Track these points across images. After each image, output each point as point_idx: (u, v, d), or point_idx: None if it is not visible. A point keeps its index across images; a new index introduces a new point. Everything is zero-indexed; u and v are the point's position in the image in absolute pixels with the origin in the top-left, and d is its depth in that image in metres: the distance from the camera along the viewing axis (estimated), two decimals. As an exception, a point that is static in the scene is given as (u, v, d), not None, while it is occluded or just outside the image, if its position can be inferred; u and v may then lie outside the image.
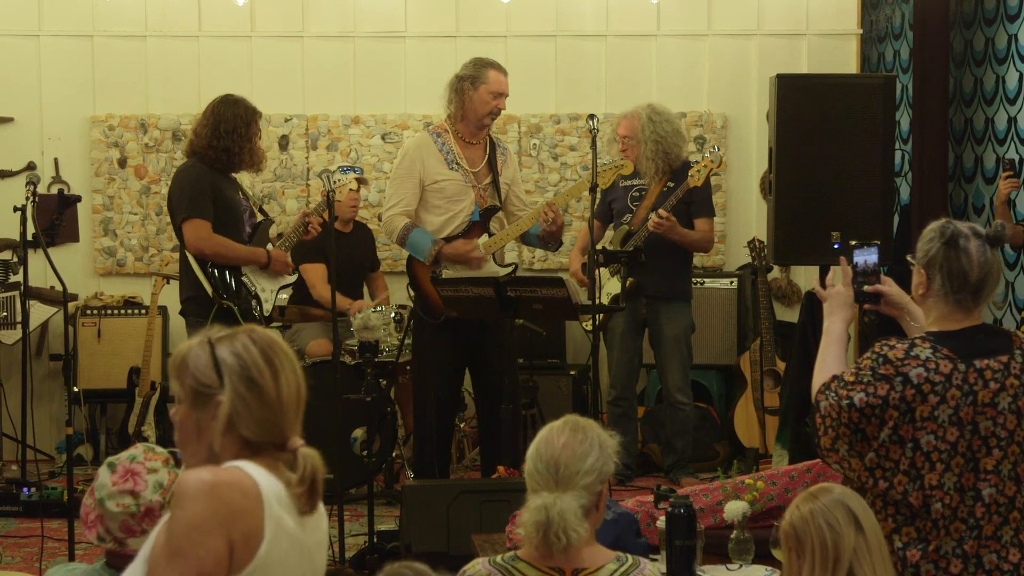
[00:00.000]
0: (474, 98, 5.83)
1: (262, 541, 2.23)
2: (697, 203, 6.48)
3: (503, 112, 6.03)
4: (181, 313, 5.69)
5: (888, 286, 3.22)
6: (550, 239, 5.85)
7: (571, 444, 2.69)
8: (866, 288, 3.21)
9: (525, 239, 6.02)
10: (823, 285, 3.29)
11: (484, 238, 5.84)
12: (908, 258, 3.10)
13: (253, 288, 5.64)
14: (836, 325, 3.20)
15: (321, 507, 2.43)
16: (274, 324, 6.09)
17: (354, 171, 6.70)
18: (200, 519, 2.18)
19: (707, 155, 6.18)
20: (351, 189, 6.63)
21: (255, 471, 2.27)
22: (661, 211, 6.24)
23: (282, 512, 2.27)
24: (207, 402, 2.31)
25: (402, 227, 5.84)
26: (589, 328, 6.60)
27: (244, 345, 2.33)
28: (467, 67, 5.92)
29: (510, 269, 5.81)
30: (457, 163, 5.83)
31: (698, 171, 6.13)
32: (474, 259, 5.76)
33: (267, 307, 5.70)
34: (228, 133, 5.53)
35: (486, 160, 5.92)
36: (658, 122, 6.55)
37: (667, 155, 6.44)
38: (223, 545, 2.19)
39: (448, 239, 5.82)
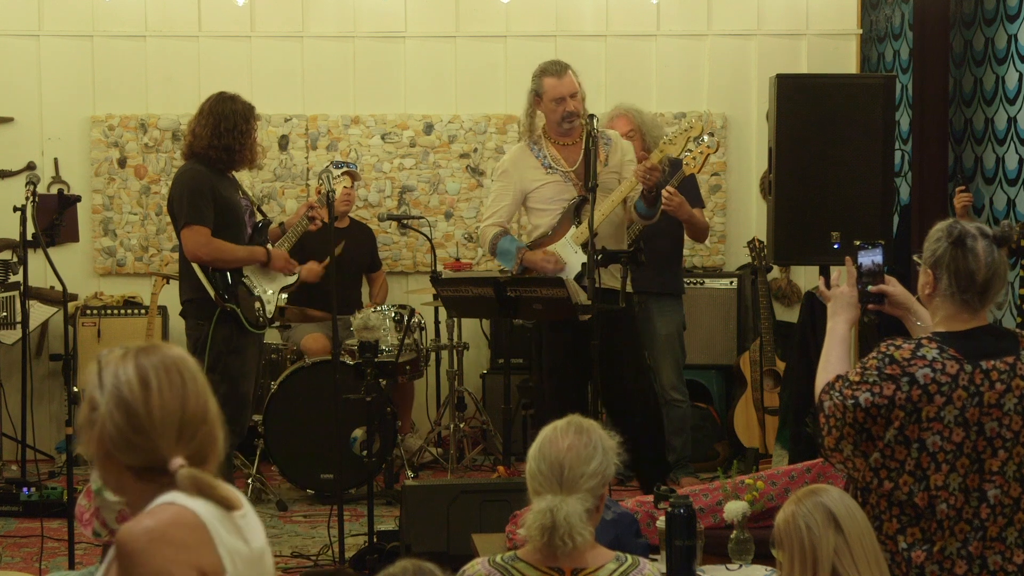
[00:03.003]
0: (543, 111, 5.78)
1: (224, 572, 2.16)
2: (688, 198, 6.43)
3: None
4: (181, 315, 5.69)
5: (893, 286, 3.22)
6: (650, 199, 5.66)
7: (576, 447, 2.68)
8: (871, 288, 3.21)
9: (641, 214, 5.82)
10: (826, 285, 3.30)
11: (572, 230, 5.73)
12: (915, 258, 3.10)
13: (255, 290, 5.63)
14: (840, 326, 3.20)
15: (251, 512, 2.31)
16: (274, 324, 6.10)
17: (347, 166, 6.71)
18: (163, 570, 2.09)
19: (704, 140, 6.06)
20: (344, 186, 6.64)
21: (188, 500, 2.17)
22: (669, 187, 6.13)
23: (227, 534, 2.19)
24: (94, 421, 2.21)
25: (492, 236, 5.83)
26: None
27: (124, 363, 2.21)
28: (532, 79, 5.83)
29: (600, 256, 5.62)
30: (552, 166, 5.75)
31: (694, 158, 6.02)
32: (547, 270, 5.64)
33: (269, 308, 5.70)
34: (228, 131, 5.52)
35: (583, 157, 5.73)
36: (643, 113, 6.56)
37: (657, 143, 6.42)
38: None
39: (538, 239, 5.76)
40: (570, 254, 5.68)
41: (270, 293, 5.72)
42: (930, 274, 3.02)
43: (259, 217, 5.84)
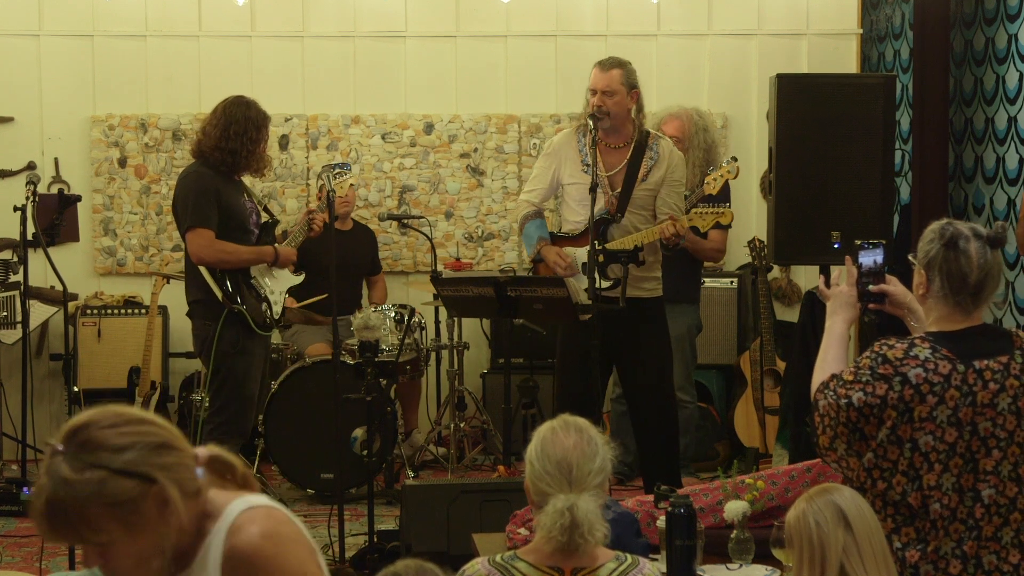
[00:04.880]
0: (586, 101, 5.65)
1: (316, 551, 2.17)
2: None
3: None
4: (188, 315, 5.67)
5: (894, 286, 3.22)
6: (670, 245, 5.65)
7: (580, 445, 2.70)
8: (871, 288, 3.21)
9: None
10: (826, 284, 3.29)
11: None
12: (909, 258, 3.10)
13: (262, 291, 5.62)
14: (838, 325, 3.20)
15: None
16: (281, 326, 6.09)
17: (341, 167, 6.73)
18: (300, 566, 2.09)
19: (725, 163, 6.03)
20: (351, 184, 6.63)
21: (256, 498, 2.16)
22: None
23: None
24: (140, 508, 2.04)
25: (523, 215, 5.77)
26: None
27: (115, 434, 2.05)
28: None
29: (610, 283, 5.47)
30: (588, 165, 5.56)
31: (714, 179, 5.97)
32: (560, 273, 5.57)
33: (276, 309, 5.68)
34: (237, 135, 5.49)
35: (625, 165, 5.64)
36: (709, 130, 6.54)
37: (710, 166, 6.37)
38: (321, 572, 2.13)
39: (562, 236, 5.71)
40: (582, 265, 5.62)
41: (277, 294, 5.70)
42: (923, 275, 3.02)
43: (265, 218, 5.82)
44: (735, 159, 6.07)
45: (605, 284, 5.42)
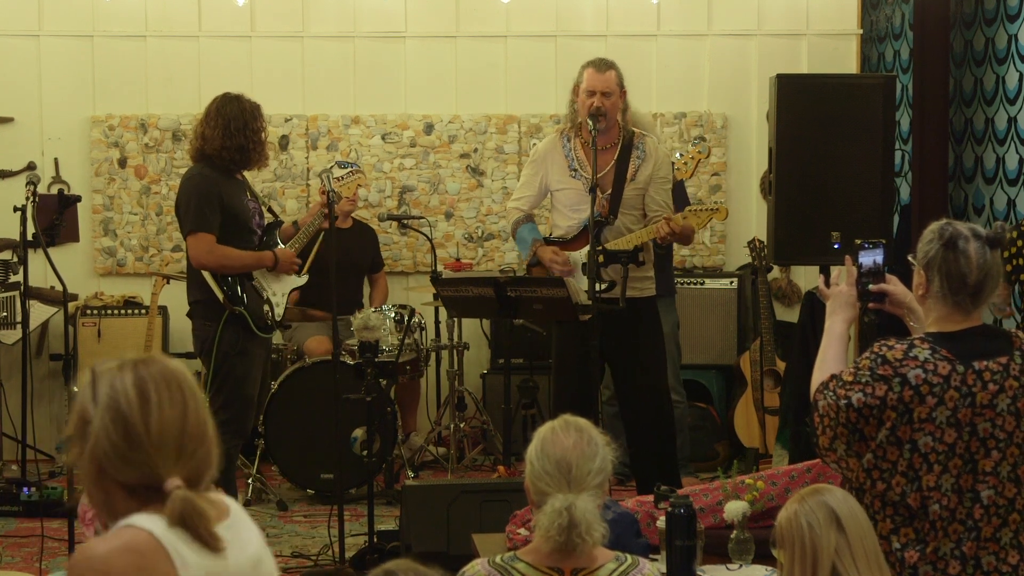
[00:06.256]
0: (578, 102, 5.62)
1: None
2: (677, 202, 6.38)
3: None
4: (189, 315, 5.67)
5: (894, 285, 3.22)
6: (664, 244, 5.69)
7: (580, 445, 2.70)
8: (871, 287, 3.21)
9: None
10: (826, 284, 3.30)
11: (586, 249, 5.53)
12: (909, 258, 3.10)
13: (264, 293, 5.61)
14: (837, 324, 3.20)
15: (242, 521, 2.22)
16: (283, 326, 6.08)
17: (351, 166, 6.74)
18: None
19: (692, 145, 6.01)
20: (360, 184, 6.62)
21: (149, 520, 2.06)
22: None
23: (192, 554, 2.06)
24: (86, 434, 2.09)
25: (514, 221, 5.83)
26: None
27: (122, 375, 2.10)
28: (580, 69, 5.72)
29: (605, 285, 5.43)
30: (577, 169, 5.61)
31: (685, 163, 5.98)
32: (557, 271, 5.60)
33: (279, 311, 5.67)
34: (240, 130, 5.48)
35: (613, 166, 5.65)
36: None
37: None
38: None
39: (554, 241, 5.72)
40: (580, 267, 5.62)
41: (279, 296, 5.69)
42: (923, 275, 3.02)
43: (269, 218, 5.81)
44: (704, 138, 6.07)
45: (601, 286, 5.41)
